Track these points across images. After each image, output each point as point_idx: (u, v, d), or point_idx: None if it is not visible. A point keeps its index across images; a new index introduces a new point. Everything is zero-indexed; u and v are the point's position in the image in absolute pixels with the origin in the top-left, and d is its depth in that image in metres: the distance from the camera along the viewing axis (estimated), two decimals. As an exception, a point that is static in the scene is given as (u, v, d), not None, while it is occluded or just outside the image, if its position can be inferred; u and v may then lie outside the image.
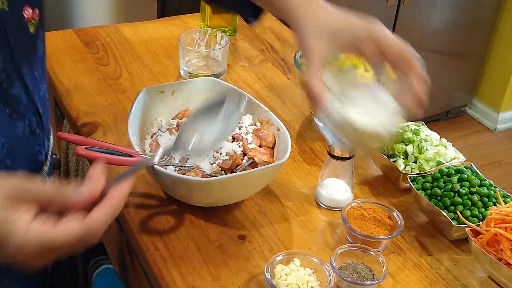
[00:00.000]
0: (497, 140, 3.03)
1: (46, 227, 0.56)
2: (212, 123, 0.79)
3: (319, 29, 0.77)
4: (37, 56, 0.78)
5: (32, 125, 0.78)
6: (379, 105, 0.76)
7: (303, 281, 0.81)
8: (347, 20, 0.79)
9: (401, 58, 0.78)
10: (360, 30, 0.78)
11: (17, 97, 0.74)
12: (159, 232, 0.91)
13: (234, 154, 0.95)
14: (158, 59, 1.37)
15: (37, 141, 0.80)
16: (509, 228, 0.84)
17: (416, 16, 2.59)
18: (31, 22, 0.74)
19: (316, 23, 0.78)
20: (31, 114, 0.77)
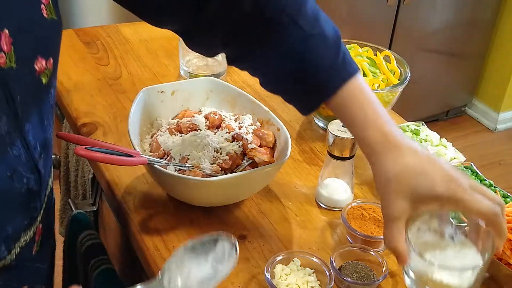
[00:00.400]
0: (497, 140, 3.03)
1: None
2: (201, 264, 0.70)
3: (401, 192, 0.72)
4: (48, 105, 0.75)
5: (29, 183, 0.73)
6: (461, 261, 0.76)
7: (303, 281, 0.81)
8: (430, 182, 0.71)
9: (485, 220, 0.73)
10: (444, 194, 0.71)
11: (17, 157, 0.70)
12: (159, 232, 0.91)
13: (234, 154, 0.95)
14: (158, 59, 1.37)
15: (33, 198, 0.76)
16: (509, 228, 0.84)
17: (416, 16, 2.59)
18: (44, 73, 0.71)
19: (398, 184, 0.72)
20: (29, 172, 0.73)
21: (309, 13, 0.78)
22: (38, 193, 0.76)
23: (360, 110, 0.76)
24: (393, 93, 1.14)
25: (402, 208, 0.71)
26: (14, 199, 0.71)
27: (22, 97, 0.68)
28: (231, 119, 1.03)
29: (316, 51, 0.77)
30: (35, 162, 0.73)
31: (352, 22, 2.44)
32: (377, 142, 0.74)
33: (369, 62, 1.19)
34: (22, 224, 0.75)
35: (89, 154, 0.83)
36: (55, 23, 0.74)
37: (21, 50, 0.65)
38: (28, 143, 0.71)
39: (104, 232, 1.24)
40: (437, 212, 0.78)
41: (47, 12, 0.71)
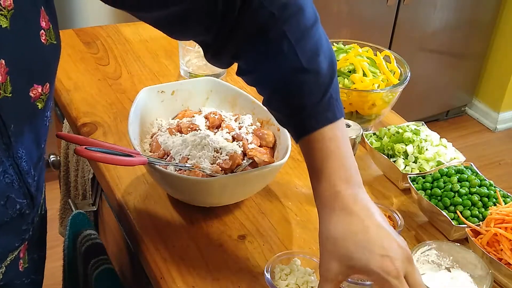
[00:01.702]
0: (497, 140, 3.03)
1: None
2: None
3: (337, 258, 0.70)
4: (45, 127, 0.74)
5: (22, 208, 0.73)
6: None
7: (303, 281, 0.81)
8: (366, 256, 0.68)
9: None
10: (374, 270, 0.68)
11: (9, 184, 0.70)
12: (159, 232, 0.91)
13: (234, 154, 0.95)
14: (158, 59, 1.37)
15: (25, 221, 0.75)
16: (509, 228, 0.84)
17: (416, 16, 2.59)
18: (40, 99, 0.70)
19: (336, 249, 0.70)
20: (22, 198, 0.73)
21: (311, 45, 0.75)
22: (30, 215, 0.75)
23: (322, 160, 0.73)
24: (393, 93, 1.14)
25: (334, 270, 0.69)
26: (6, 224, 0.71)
27: (16, 125, 0.67)
28: (231, 119, 1.03)
29: (304, 87, 0.74)
30: (27, 187, 0.72)
31: (352, 22, 2.44)
32: (326, 198, 0.72)
33: (369, 62, 1.19)
34: (13, 245, 0.75)
35: (89, 154, 0.83)
36: (54, 47, 0.73)
37: (16, 80, 0.64)
38: (21, 170, 0.70)
39: (104, 232, 1.24)
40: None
41: (46, 38, 0.69)
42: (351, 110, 1.15)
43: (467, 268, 0.83)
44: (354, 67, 1.17)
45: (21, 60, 0.65)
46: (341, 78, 1.17)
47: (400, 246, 0.69)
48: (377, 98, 1.13)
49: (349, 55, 1.18)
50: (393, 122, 1.21)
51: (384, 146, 1.07)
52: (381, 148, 1.07)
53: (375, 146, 1.07)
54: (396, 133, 1.07)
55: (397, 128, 1.08)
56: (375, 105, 1.14)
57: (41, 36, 0.68)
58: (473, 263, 0.82)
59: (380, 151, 1.06)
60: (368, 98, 1.13)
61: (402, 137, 1.05)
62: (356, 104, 1.14)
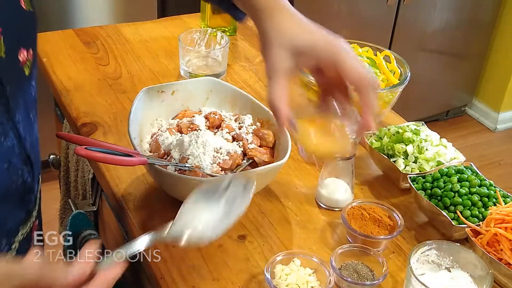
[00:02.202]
0: (497, 140, 3.03)
1: None
2: (212, 208, 0.72)
3: (283, 45, 0.74)
4: (31, 98, 0.75)
5: (24, 175, 0.74)
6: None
7: (303, 281, 0.81)
8: (311, 39, 0.75)
9: (357, 86, 0.75)
10: (324, 52, 0.74)
11: (11, 148, 0.70)
12: (159, 232, 0.91)
13: (234, 154, 0.95)
14: (158, 59, 1.37)
15: (28, 191, 0.76)
16: (509, 228, 0.84)
17: (416, 16, 2.59)
18: (26, 64, 0.71)
19: (280, 38, 0.74)
20: (22, 164, 0.73)
21: None
22: (32, 185, 0.76)
23: None
24: (393, 93, 1.14)
25: (283, 58, 0.73)
26: (12, 192, 0.72)
27: (10, 87, 0.69)
28: (231, 119, 1.03)
29: None
30: (27, 153, 0.73)
31: (352, 22, 2.44)
32: (271, 3, 0.77)
33: (369, 62, 1.19)
34: (20, 218, 0.76)
35: (89, 154, 0.83)
36: (32, 14, 0.74)
37: (8, 41, 0.66)
38: (20, 134, 0.71)
39: (104, 232, 1.24)
40: None
41: (25, 4, 0.72)
42: (351, 110, 1.15)
43: (467, 268, 0.83)
44: (354, 67, 1.17)
45: (9, 22, 0.67)
46: (341, 78, 1.17)
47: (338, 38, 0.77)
48: (377, 98, 1.13)
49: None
50: (393, 122, 1.21)
51: (384, 146, 1.07)
52: (381, 148, 1.07)
53: (375, 146, 1.07)
54: (396, 133, 1.07)
55: (397, 128, 1.08)
56: (375, 105, 1.14)
57: (20, 2, 0.71)
58: (473, 263, 0.82)
59: (380, 151, 1.06)
60: (368, 98, 1.12)
61: (402, 137, 1.05)
62: (356, 104, 1.13)
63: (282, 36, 0.74)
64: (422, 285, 0.76)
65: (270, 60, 0.74)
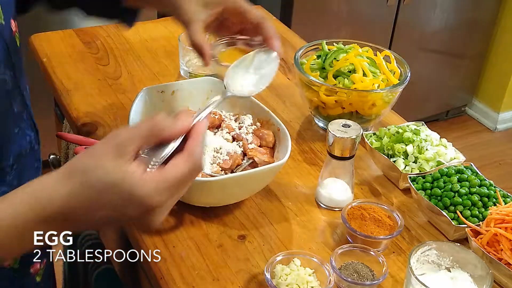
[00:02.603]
0: (497, 140, 3.03)
1: (158, 172, 0.56)
2: (244, 76, 0.86)
3: (194, 2, 0.86)
4: (23, 72, 0.77)
5: (32, 141, 0.77)
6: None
7: (303, 281, 0.81)
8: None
9: (258, 22, 0.88)
10: (228, 3, 0.87)
11: (20, 113, 0.73)
12: (159, 232, 0.91)
13: (234, 154, 0.95)
14: (158, 59, 1.37)
15: (36, 157, 0.79)
16: (509, 228, 0.84)
17: (416, 16, 2.59)
18: (16, 35, 0.74)
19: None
20: (30, 130, 0.76)
21: None
22: (38, 153, 0.80)
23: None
24: (393, 93, 1.14)
25: (197, 10, 0.85)
26: (22, 158, 0.75)
27: (13, 54, 0.72)
28: (231, 119, 1.03)
29: None
30: (33, 119, 0.77)
31: (352, 22, 2.44)
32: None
33: (369, 62, 1.19)
34: None
35: (89, 154, 0.83)
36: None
37: (4, 8, 0.69)
38: (26, 101, 0.75)
39: (104, 232, 1.24)
40: None
41: None
42: (351, 110, 1.15)
43: (467, 268, 0.83)
44: (354, 67, 1.17)
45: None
46: (341, 78, 1.17)
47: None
48: (377, 98, 1.13)
49: (349, 55, 1.18)
50: (393, 122, 1.21)
51: (384, 146, 1.07)
52: (381, 148, 1.07)
53: (375, 146, 1.07)
54: (396, 133, 1.07)
55: (397, 128, 1.08)
56: (375, 105, 1.14)
57: None
58: (473, 263, 0.82)
59: (380, 151, 1.06)
60: (368, 98, 1.13)
61: (402, 137, 1.05)
62: (356, 104, 1.14)
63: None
64: (422, 285, 0.76)
65: (187, 14, 0.85)
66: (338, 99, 1.13)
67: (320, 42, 1.24)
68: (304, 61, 1.22)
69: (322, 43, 1.23)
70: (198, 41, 0.84)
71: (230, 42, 0.88)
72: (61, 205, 0.55)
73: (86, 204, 0.55)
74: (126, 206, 0.56)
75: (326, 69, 1.19)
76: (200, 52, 0.85)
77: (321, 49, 1.23)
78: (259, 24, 0.87)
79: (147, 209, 0.56)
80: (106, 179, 0.55)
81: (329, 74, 1.17)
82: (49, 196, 0.55)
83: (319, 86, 1.13)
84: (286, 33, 1.54)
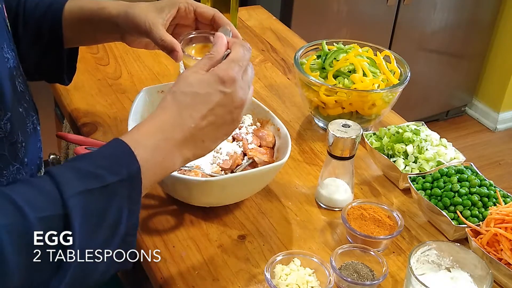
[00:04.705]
0: (497, 140, 3.03)
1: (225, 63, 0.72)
2: None
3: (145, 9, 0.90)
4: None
5: (34, 122, 0.80)
6: None
7: (303, 281, 0.81)
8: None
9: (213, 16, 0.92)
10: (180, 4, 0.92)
11: (23, 93, 0.77)
12: (159, 232, 0.91)
13: (234, 154, 0.95)
14: (158, 59, 1.37)
15: (38, 137, 0.82)
16: (509, 228, 0.84)
17: (416, 16, 2.59)
18: (7, 20, 0.77)
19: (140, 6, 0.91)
20: (32, 110, 0.80)
21: None
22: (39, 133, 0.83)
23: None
24: (393, 93, 1.14)
25: (152, 16, 0.89)
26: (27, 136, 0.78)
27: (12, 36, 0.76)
28: (231, 119, 1.03)
29: None
30: (33, 100, 0.80)
31: (352, 22, 2.44)
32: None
33: (369, 62, 1.19)
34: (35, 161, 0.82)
35: (89, 154, 0.84)
36: None
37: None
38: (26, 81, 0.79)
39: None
40: None
41: None
42: (351, 110, 1.15)
43: (467, 268, 0.83)
44: (354, 67, 1.17)
45: None
46: (341, 78, 1.17)
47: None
48: (377, 98, 1.13)
49: (349, 55, 1.18)
50: (393, 122, 1.21)
51: (384, 146, 1.07)
52: (381, 148, 1.07)
53: (375, 146, 1.07)
54: (396, 133, 1.07)
55: (397, 128, 1.08)
56: (375, 105, 1.14)
57: None
58: (473, 263, 0.82)
59: (380, 151, 1.06)
60: (368, 98, 1.13)
61: (402, 137, 1.05)
62: (356, 104, 1.14)
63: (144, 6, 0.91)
64: (422, 285, 0.76)
65: (145, 23, 0.89)
66: (338, 99, 1.13)
67: (320, 42, 1.24)
68: (304, 61, 1.22)
69: (322, 43, 1.23)
70: (169, 40, 0.87)
71: (194, 37, 0.90)
72: (174, 115, 0.69)
73: (191, 102, 0.69)
74: (216, 89, 0.70)
75: (326, 69, 1.19)
76: (171, 50, 0.87)
77: (321, 49, 1.23)
78: (213, 17, 0.91)
79: (230, 80, 0.70)
80: (195, 81, 0.70)
81: (329, 74, 1.17)
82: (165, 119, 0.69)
83: (319, 86, 1.13)
84: (286, 33, 1.55)
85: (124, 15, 0.91)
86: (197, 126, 0.69)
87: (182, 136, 0.69)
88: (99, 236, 0.62)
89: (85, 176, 0.61)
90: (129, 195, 0.64)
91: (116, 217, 0.63)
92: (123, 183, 0.63)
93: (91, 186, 0.61)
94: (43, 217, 0.57)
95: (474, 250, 0.86)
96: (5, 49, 0.72)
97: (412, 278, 0.78)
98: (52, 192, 0.59)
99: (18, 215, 0.56)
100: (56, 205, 0.58)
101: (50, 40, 0.95)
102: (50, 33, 0.94)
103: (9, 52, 0.73)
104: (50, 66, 0.99)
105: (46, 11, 0.94)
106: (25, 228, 0.56)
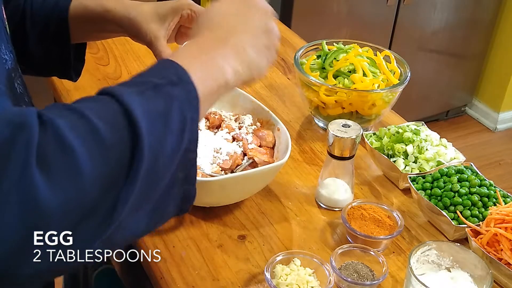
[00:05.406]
0: (497, 140, 3.03)
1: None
2: None
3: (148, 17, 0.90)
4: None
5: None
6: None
7: (303, 281, 0.81)
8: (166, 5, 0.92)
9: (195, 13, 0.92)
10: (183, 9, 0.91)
11: (22, 95, 0.76)
12: (159, 232, 0.91)
13: (234, 154, 0.95)
14: (158, 59, 1.37)
15: None
16: (509, 228, 0.84)
17: (416, 16, 2.59)
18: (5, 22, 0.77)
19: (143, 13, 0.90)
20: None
21: None
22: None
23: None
24: (393, 93, 1.14)
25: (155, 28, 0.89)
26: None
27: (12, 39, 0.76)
28: (231, 119, 1.03)
29: None
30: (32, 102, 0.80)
31: (352, 22, 2.44)
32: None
33: (369, 62, 1.19)
34: None
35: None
36: None
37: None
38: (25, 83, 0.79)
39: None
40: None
41: None
42: (351, 110, 1.15)
43: (467, 268, 0.83)
44: (354, 67, 1.17)
45: None
46: (341, 78, 1.17)
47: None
48: (377, 98, 1.13)
49: (349, 55, 1.18)
50: (393, 122, 1.21)
51: (384, 146, 1.07)
52: (381, 148, 1.07)
53: (375, 146, 1.07)
54: (396, 133, 1.07)
55: (397, 128, 1.08)
56: (375, 105, 1.14)
57: None
58: (473, 263, 0.82)
59: (380, 151, 1.06)
60: (368, 98, 1.13)
61: (402, 137, 1.05)
62: (356, 104, 1.14)
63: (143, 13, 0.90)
64: (422, 285, 0.76)
65: (148, 35, 0.89)
66: (338, 99, 1.13)
67: (320, 42, 1.24)
68: (304, 61, 1.22)
69: (322, 43, 1.23)
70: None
71: None
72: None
73: (219, 21, 0.68)
74: (240, 2, 0.70)
75: (326, 69, 1.19)
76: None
77: (321, 49, 1.23)
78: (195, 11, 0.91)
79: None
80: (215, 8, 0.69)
81: (329, 74, 1.17)
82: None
83: (319, 86, 1.13)
84: (286, 33, 1.54)
85: (128, 21, 0.91)
86: (230, 33, 0.67)
87: (221, 45, 0.65)
88: (168, 140, 0.56)
89: (134, 85, 0.62)
90: (188, 99, 0.59)
91: (181, 119, 0.57)
92: (175, 86, 0.59)
93: (142, 89, 0.60)
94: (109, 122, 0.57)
95: (474, 250, 0.86)
96: (2, 50, 0.72)
97: (412, 278, 0.78)
98: (107, 98, 0.60)
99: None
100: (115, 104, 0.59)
101: (57, 36, 0.95)
102: (57, 29, 0.94)
103: (7, 54, 0.73)
104: (57, 62, 0.99)
105: (53, 8, 0.94)
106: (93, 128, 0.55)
